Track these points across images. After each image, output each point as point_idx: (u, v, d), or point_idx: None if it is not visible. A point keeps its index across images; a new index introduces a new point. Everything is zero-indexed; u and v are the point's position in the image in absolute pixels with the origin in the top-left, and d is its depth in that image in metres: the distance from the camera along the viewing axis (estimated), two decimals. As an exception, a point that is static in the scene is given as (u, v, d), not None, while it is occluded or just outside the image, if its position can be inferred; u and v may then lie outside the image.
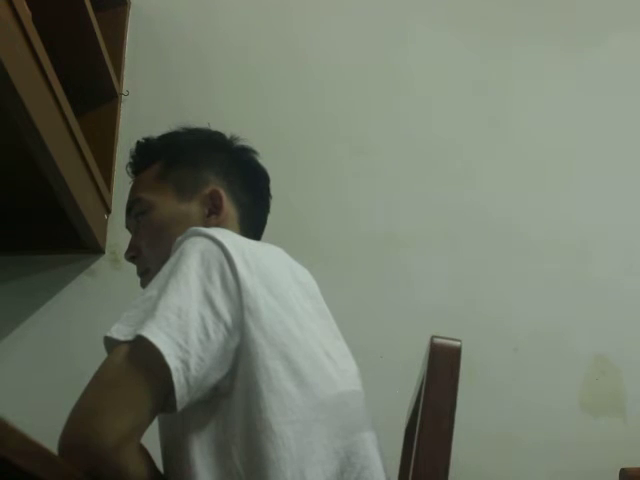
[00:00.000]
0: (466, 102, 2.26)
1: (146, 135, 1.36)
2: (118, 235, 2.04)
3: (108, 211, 2.09)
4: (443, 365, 0.99)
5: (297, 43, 2.31)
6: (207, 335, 0.98)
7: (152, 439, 1.02)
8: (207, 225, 1.20)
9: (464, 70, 2.29)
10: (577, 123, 2.25)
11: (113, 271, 2.07)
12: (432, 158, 2.21)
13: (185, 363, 0.95)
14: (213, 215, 1.25)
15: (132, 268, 1.30)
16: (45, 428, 0.91)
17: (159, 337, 0.94)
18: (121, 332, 0.97)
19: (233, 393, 1.00)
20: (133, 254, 1.28)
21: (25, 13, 1.42)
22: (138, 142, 1.35)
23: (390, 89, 2.27)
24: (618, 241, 2.14)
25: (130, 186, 1.34)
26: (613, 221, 2.15)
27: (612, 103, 2.26)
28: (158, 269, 1.05)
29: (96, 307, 2.01)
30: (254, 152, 1.36)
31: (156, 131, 1.36)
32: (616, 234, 2.14)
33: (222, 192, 1.26)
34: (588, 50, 2.30)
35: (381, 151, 2.21)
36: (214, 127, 1.38)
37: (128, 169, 1.35)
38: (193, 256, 1.03)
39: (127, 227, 1.33)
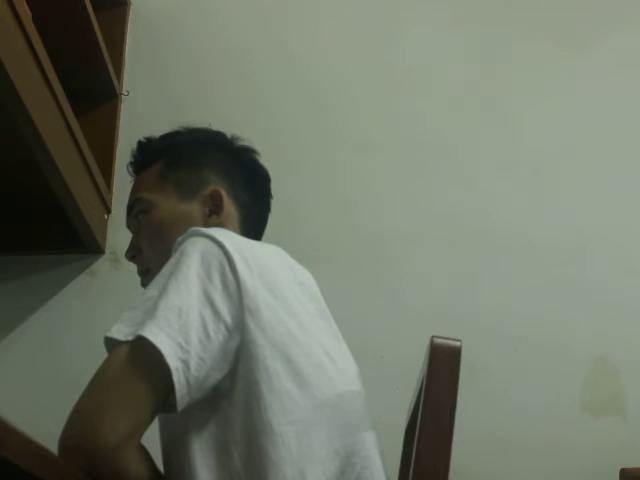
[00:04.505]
0: (465, 102, 2.26)
1: (146, 135, 1.36)
2: (118, 235, 2.04)
3: (108, 211, 2.09)
4: (443, 365, 0.99)
5: (296, 41, 2.31)
6: (207, 335, 0.97)
7: (152, 439, 1.02)
8: (208, 225, 1.20)
9: (463, 69, 2.29)
10: (576, 123, 2.25)
11: (113, 271, 2.07)
12: (432, 158, 2.21)
13: (185, 363, 0.95)
14: (214, 215, 1.25)
15: (132, 268, 1.30)
16: (45, 428, 0.91)
17: (159, 337, 0.94)
18: (121, 332, 0.97)
19: (233, 393, 1.00)
20: (133, 253, 1.28)
21: (25, 13, 1.42)
22: (139, 141, 1.35)
23: (389, 88, 2.27)
24: (618, 242, 2.13)
25: (131, 186, 1.34)
26: (613, 221, 2.15)
27: (612, 103, 2.25)
28: (158, 269, 1.05)
29: (96, 307, 2.01)
30: (255, 152, 1.36)
31: (156, 131, 1.36)
32: (616, 235, 2.14)
33: (223, 192, 1.26)
34: (588, 50, 2.30)
35: (381, 151, 2.21)
36: (214, 127, 1.38)
37: (129, 168, 1.35)
38: (193, 256, 1.03)
39: (128, 226, 1.33)
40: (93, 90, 2.12)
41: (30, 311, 2.02)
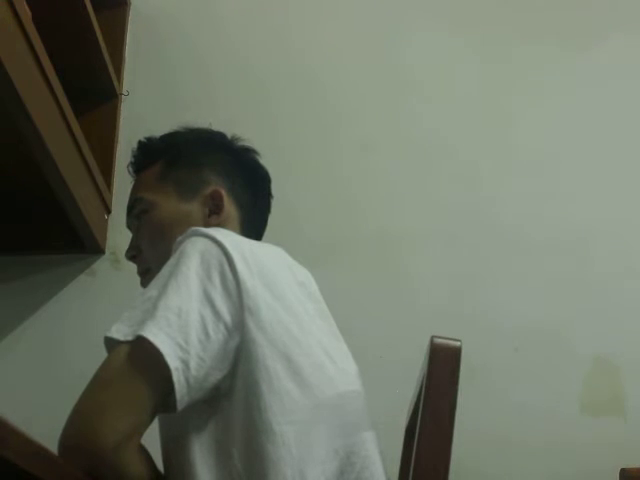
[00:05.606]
0: (466, 102, 2.26)
1: (146, 135, 1.36)
2: (118, 235, 2.04)
3: (108, 211, 2.09)
4: (443, 365, 0.99)
5: (298, 41, 2.31)
6: (207, 335, 0.98)
7: (152, 439, 1.02)
8: (208, 225, 1.20)
9: (465, 70, 2.29)
10: (577, 123, 2.25)
11: (113, 271, 2.07)
12: (433, 158, 2.21)
13: (185, 363, 0.95)
14: (214, 215, 1.25)
15: (132, 268, 1.30)
16: (45, 428, 0.91)
17: (159, 337, 0.94)
18: (121, 332, 0.97)
19: (233, 393, 1.00)
20: (134, 253, 1.29)
21: (25, 13, 1.42)
22: (140, 142, 1.35)
23: (390, 89, 2.27)
24: (618, 241, 2.13)
25: (131, 186, 1.34)
26: (613, 221, 2.15)
27: (612, 103, 2.25)
28: (158, 269, 1.05)
29: (96, 307, 2.00)
30: (255, 152, 1.36)
31: (156, 131, 1.36)
32: (616, 234, 2.14)
33: (223, 192, 1.27)
34: (588, 50, 2.30)
35: (381, 151, 2.21)
36: (214, 127, 1.38)
37: (129, 168, 1.35)
38: (193, 256, 1.03)
39: (128, 226, 1.33)
40: (93, 90, 2.12)
41: (30, 311, 2.02)
